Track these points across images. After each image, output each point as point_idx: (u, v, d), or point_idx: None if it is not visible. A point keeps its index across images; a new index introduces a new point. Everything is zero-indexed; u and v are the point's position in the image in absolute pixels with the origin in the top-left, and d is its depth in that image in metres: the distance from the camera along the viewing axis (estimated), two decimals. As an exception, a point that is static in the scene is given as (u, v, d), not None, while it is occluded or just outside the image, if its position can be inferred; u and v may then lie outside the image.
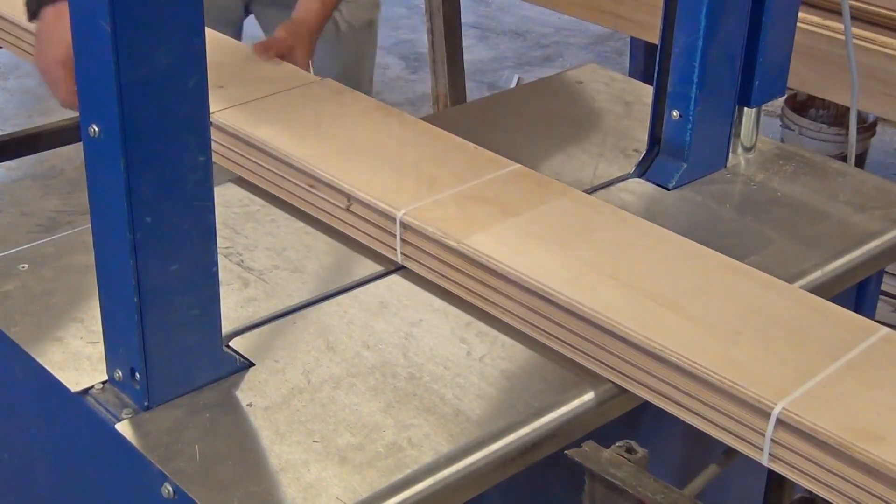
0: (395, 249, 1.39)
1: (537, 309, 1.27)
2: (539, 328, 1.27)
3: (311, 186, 1.47)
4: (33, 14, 1.74)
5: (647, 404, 1.23)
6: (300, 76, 1.74)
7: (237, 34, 2.29)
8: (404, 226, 1.37)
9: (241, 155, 1.56)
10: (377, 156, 1.50)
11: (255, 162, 1.54)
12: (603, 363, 1.23)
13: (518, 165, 1.49)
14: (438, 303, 1.34)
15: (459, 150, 1.54)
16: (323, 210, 1.47)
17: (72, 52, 1.72)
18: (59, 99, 1.76)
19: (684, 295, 1.26)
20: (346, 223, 1.44)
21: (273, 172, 1.52)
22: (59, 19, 1.68)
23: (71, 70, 1.77)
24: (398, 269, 1.40)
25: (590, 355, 1.24)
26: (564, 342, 1.25)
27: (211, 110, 1.34)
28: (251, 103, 1.62)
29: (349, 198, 1.42)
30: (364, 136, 1.56)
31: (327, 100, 1.66)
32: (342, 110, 1.62)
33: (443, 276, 1.35)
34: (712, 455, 1.26)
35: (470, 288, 1.33)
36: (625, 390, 1.22)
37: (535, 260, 1.30)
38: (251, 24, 2.35)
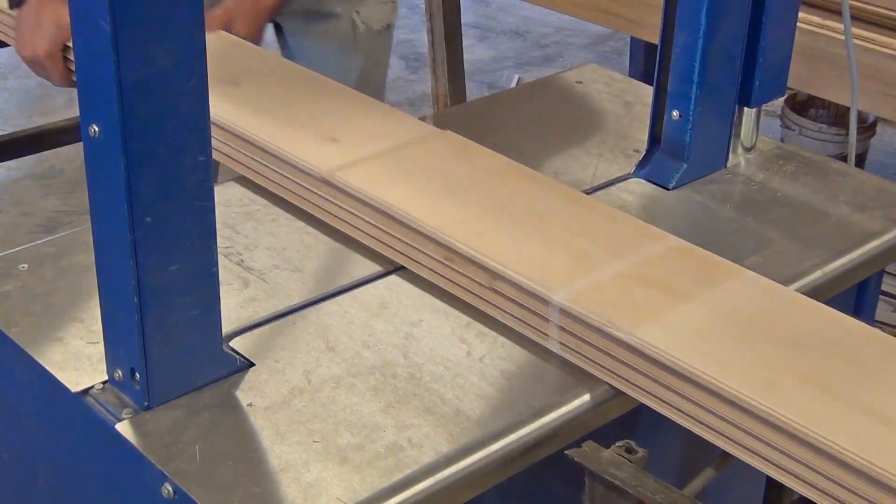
0: (548, 335, 1.25)
1: (719, 412, 1.14)
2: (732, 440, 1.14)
3: (447, 260, 1.31)
4: (16, 2, 1.73)
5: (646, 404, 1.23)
6: (418, 128, 1.58)
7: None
8: (562, 311, 1.22)
9: (366, 220, 1.41)
10: (519, 225, 1.35)
11: (381, 229, 1.39)
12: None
13: (678, 240, 1.35)
14: (438, 303, 1.34)
15: (608, 218, 1.39)
16: (458, 284, 1.32)
17: (56, 42, 1.72)
18: (54, 83, 1.76)
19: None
20: (487, 301, 1.30)
21: (403, 242, 1.37)
22: (42, 8, 1.67)
23: (58, 59, 1.78)
24: (398, 269, 1.40)
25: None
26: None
27: (329, 167, 1.40)
28: (370, 160, 1.47)
29: (493, 275, 1.27)
30: (501, 201, 1.40)
31: (453, 156, 1.49)
32: (472, 169, 1.47)
33: (606, 369, 1.21)
34: (713, 455, 1.26)
35: (639, 384, 1.19)
36: (622, 392, 1.22)
37: (714, 356, 1.15)
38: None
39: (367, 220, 1.40)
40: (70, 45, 1.73)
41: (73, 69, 1.80)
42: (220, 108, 1.52)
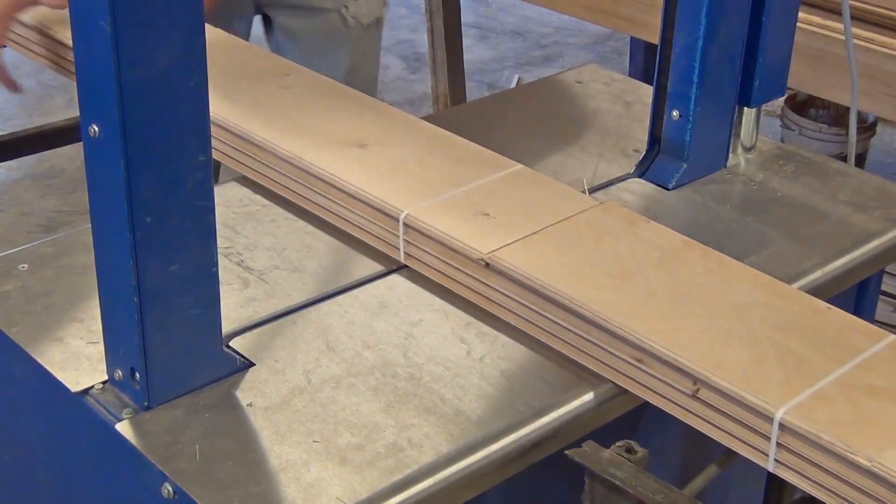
0: (767, 455, 1.11)
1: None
2: None
3: (638, 361, 1.18)
4: None
5: (647, 404, 1.23)
6: (576, 200, 1.41)
7: (247, 32, 2.28)
8: (783, 427, 1.08)
9: (532, 309, 1.27)
10: (716, 321, 1.20)
11: (550, 318, 1.25)
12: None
13: (890, 335, 1.20)
14: (439, 303, 1.34)
15: (811, 310, 1.23)
16: (653, 391, 1.18)
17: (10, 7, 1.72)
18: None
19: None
20: (688, 410, 1.16)
21: (580, 336, 1.23)
22: None
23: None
24: (398, 268, 1.40)
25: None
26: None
27: (490, 249, 1.29)
28: (528, 239, 1.32)
29: (696, 381, 1.14)
30: (686, 287, 1.26)
31: (621, 233, 1.34)
32: (645, 248, 1.32)
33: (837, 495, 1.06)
34: (713, 455, 1.26)
35: None
36: (625, 391, 1.22)
37: None
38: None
39: (533, 308, 1.26)
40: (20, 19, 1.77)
41: (12, 40, 1.85)
42: (382, 190, 1.41)
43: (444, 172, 1.46)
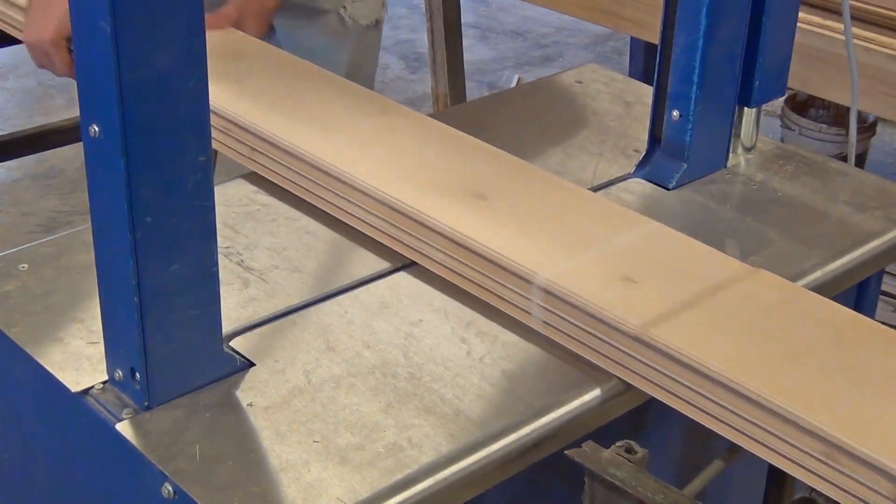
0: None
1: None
2: None
3: (829, 458, 1.07)
4: None
5: (647, 405, 1.23)
6: (722, 263, 1.33)
7: None
8: None
9: (694, 390, 1.17)
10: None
11: (720, 405, 1.14)
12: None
13: None
14: (439, 302, 1.34)
15: None
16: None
17: (63, 30, 1.73)
18: (57, 73, 1.76)
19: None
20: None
21: (769, 433, 1.11)
22: None
23: (63, 47, 1.79)
24: (399, 268, 1.40)
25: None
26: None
27: (642, 322, 1.17)
28: (683, 311, 1.22)
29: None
30: (870, 371, 1.15)
31: (780, 306, 1.24)
32: (815, 327, 1.22)
33: None
34: (712, 455, 1.26)
35: None
36: (624, 390, 1.22)
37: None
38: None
39: (698, 391, 1.16)
40: None
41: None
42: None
43: (576, 229, 1.36)
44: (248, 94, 1.62)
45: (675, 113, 1.59)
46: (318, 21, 2.18)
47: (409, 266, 1.40)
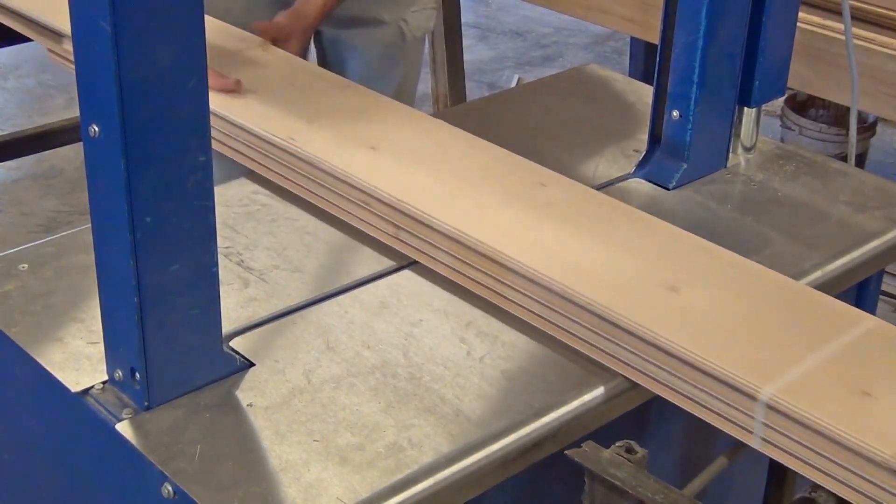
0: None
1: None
2: None
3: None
4: None
5: (647, 404, 1.23)
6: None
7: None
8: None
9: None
10: None
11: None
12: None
13: None
14: (439, 303, 1.34)
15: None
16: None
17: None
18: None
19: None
20: None
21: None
22: None
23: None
24: (399, 268, 1.40)
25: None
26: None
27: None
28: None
29: None
30: None
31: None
32: None
33: None
34: (711, 456, 1.26)
35: None
36: (625, 390, 1.22)
37: None
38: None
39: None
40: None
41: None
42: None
43: (789, 331, 1.21)
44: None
45: (675, 113, 1.59)
46: (376, 33, 2.12)
47: (409, 266, 1.40)
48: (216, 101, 1.36)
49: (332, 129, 1.53)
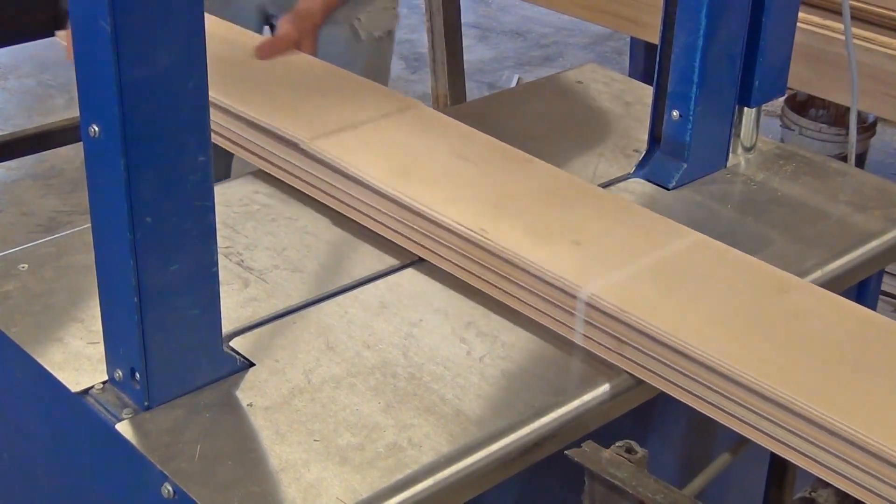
0: None
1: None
2: None
3: None
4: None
5: (647, 405, 1.23)
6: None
7: None
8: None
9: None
10: None
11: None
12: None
13: None
14: (439, 302, 1.34)
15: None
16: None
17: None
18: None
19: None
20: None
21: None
22: None
23: None
24: (399, 268, 1.40)
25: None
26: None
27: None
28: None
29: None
30: None
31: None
32: None
33: None
34: (712, 456, 1.26)
35: None
36: (629, 388, 1.22)
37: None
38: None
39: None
40: None
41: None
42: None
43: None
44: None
45: (675, 113, 1.59)
46: (330, 33, 2.16)
47: (409, 266, 1.40)
48: (386, 181, 1.40)
49: (524, 218, 1.38)
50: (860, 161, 3.32)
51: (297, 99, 1.63)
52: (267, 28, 2.29)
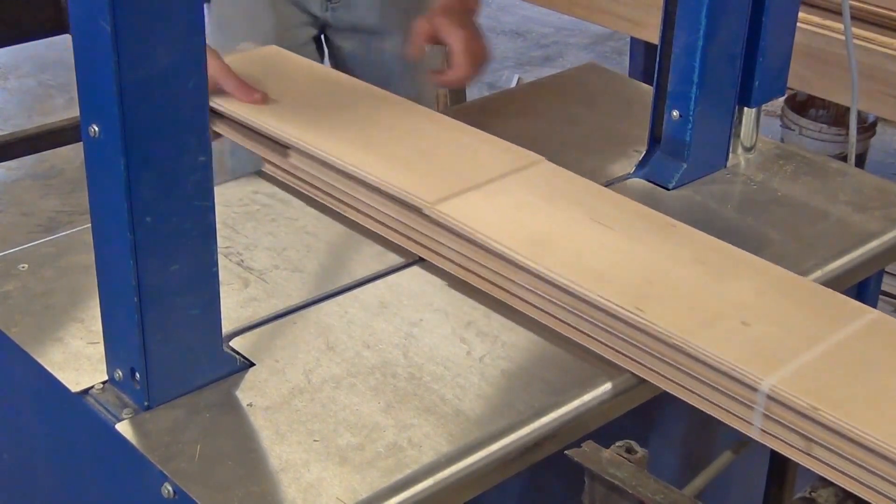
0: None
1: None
2: None
3: None
4: None
5: (647, 405, 1.23)
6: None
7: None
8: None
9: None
10: None
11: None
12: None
13: None
14: (439, 302, 1.34)
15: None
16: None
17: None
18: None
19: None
20: None
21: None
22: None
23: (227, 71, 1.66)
24: (399, 268, 1.40)
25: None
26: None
27: None
28: None
29: None
30: None
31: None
32: None
33: None
34: (712, 455, 1.26)
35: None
36: (631, 387, 1.22)
37: None
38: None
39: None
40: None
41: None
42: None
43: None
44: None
45: (675, 113, 1.59)
46: (390, 43, 2.07)
47: (409, 265, 1.40)
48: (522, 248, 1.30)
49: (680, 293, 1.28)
50: (860, 161, 3.32)
51: (408, 152, 1.49)
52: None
